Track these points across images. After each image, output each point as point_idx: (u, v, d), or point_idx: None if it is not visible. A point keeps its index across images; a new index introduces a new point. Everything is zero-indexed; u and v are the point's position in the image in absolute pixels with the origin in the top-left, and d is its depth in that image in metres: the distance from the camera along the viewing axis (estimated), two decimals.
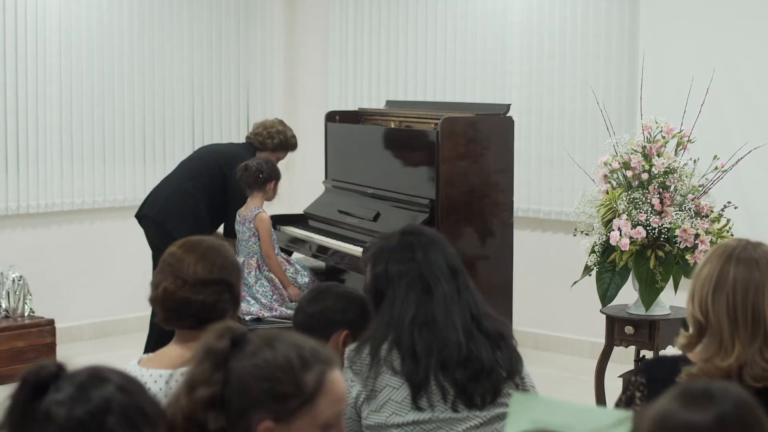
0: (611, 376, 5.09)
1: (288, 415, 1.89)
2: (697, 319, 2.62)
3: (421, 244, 3.00)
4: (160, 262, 2.88)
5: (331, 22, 8.31)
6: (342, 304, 3.22)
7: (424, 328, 2.89)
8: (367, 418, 2.91)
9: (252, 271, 5.63)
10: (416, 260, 2.97)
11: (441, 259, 2.98)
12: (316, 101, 8.36)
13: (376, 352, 2.90)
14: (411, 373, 2.86)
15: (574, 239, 5.20)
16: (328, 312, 3.20)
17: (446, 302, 2.92)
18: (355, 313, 3.22)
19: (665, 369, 2.66)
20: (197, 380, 1.93)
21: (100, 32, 7.49)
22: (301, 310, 3.28)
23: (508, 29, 7.32)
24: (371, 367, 2.89)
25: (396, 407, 2.87)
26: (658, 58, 6.44)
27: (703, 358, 2.59)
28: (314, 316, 3.21)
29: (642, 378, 2.67)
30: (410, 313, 2.91)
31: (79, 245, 7.53)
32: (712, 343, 2.58)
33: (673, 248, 4.72)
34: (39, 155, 7.25)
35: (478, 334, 2.92)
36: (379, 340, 2.92)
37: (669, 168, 4.78)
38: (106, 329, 7.62)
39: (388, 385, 2.88)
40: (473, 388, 2.86)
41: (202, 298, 2.79)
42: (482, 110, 5.90)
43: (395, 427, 2.87)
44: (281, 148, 6.21)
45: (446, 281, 2.95)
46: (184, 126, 8.01)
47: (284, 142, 6.21)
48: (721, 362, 2.55)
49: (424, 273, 2.95)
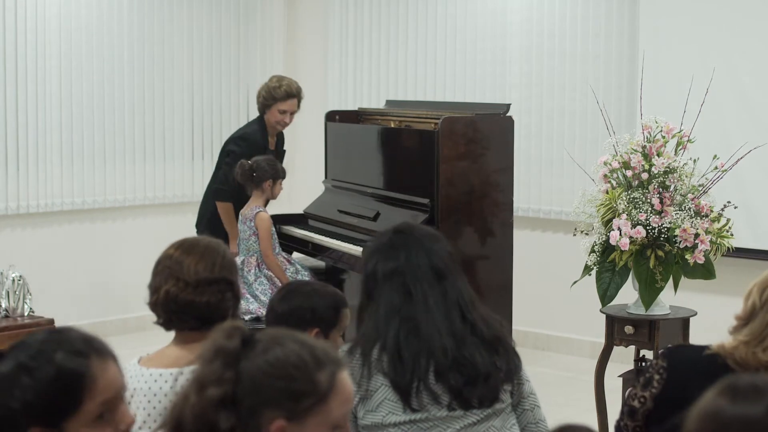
0: (611, 376, 5.09)
1: (301, 414, 1.88)
2: (754, 302, 2.61)
3: (405, 244, 2.95)
4: (156, 265, 2.85)
5: (331, 22, 8.31)
6: (311, 302, 3.21)
7: (410, 332, 2.86)
8: (363, 418, 2.90)
9: (252, 269, 5.63)
10: (399, 261, 2.93)
11: (424, 260, 2.92)
12: (316, 101, 8.36)
13: (368, 355, 2.88)
14: (397, 377, 2.84)
15: (573, 239, 5.20)
16: (298, 311, 3.19)
17: (427, 305, 2.87)
18: (325, 311, 3.21)
19: (687, 357, 2.66)
20: (208, 379, 1.91)
21: (99, 32, 7.50)
22: (271, 309, 3.28)
23: (508, 29, 7.32)
24: (363, 369, 2.87)
25: (392, 406, 2.86)
26: (657, 58, 6.44)
27: (745, 339, 2.58)
28: (284, 315, 3.20)
29: (663, 362, 2.66)
30: (394, 317, 2.88)
31: (79, 245, 7.53)
32: (758, 329, 2.58)
33: (673, 248, 4.72)
34: (39, 155, 7.25)
35: (472, 338, 2.87)
36: (371, 342, 2.89)
37: (669, 168, 4.78)
38: (105, 329, 7.61)
39: (384, 384, 2.87)
40: (469, 393, 2.84)
41: (206, 298, 2.78)
42: (482, 110, 5.90)
43: (392, 426, 2.86)
44: (271, 101, 6.17)
45: (428, 284, 2.90)
46: (184, 126, 8.01)
47: (269, 94, 6.18)
48: (763, 354, 2.55)
49: (405, 274, 2.92)
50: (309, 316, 3.18)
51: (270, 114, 6.16)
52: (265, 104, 6.19)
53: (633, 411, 2.68)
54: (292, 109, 6.20)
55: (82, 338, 2.01)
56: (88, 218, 7.61)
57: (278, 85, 6.18)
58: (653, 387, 2.65)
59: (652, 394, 2.65)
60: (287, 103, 6.17)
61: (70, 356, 1.94)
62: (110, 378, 1.98)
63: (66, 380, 1.92)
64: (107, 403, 1.96)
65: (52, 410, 1.91)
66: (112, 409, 1.97)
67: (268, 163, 5.78)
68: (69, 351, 1.95)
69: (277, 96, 6.16)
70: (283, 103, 6.16)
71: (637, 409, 2.67)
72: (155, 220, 7.90)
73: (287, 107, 6.17)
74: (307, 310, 3.19)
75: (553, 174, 7.18)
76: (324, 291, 3.28)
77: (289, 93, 6.17)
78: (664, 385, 2.64)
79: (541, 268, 7.11)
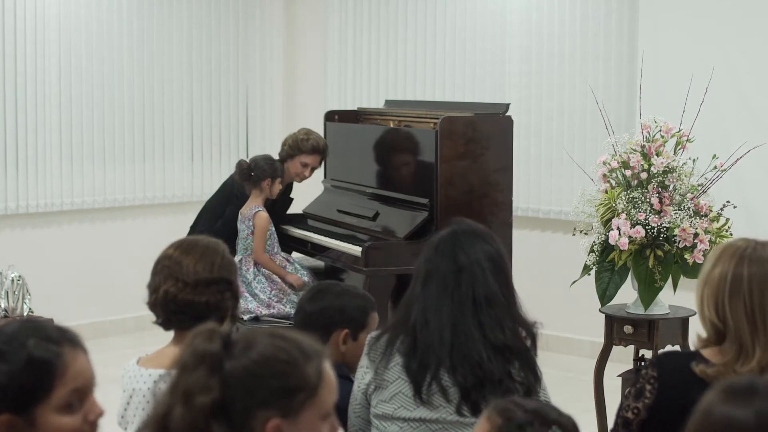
0: (610, 376, 5.09)
1: (296, 409, 1.85)
2: (714, 324, 2.58)
3: (438, 242, 2.97)
4: (155, 265, 2.86)
5: (330, 22, 8.31)
6: (341, 303, 3.22)
7: (424, 326, 2.88)
8: (376, 407, 2.92)
9: (250, 268, 5.64)
10: (428, 259, 2.96)
11: (448, 262, 2.92)
12: (315, 101, 8.36)
13: (392, 343, 2.91)
14: (409, 367, 2.87)
15: (573, 239, 5.20)
16: (328, 311, 3.21)
17: (438, 304, 2.88)
18: (355, 312, 3.22)
19: (677, 364, 2.64)
20: (194, 387, 1.84)
21: (99, 32, 7.50)
22: (301, 309, 3.30)
23: (508, 29, 7.32)
24: (383, 356, 2.90)
25: (405, 401, 2.87)
26: (657, 58, 6.44)
27: (722, 362, 2.55)
28: (313, 315, 3.21)
29: (653, 371, 2.65)
30: (415, 310, 2.91)
31: (78, 245, 7.53)
32: (732, 348, 2.54)
33: (672, 247, 4.72)
34: (38, 155, 7.25)
35: (480, 338, 2.85)
36: (398, 330, 2.92)
37: (668, 167, 4.78)
38: (105, 329, 7.62)
39: (400, 377, 2.89)
40: (477, 395, 2.82)
41: (206, 298, 2.79)
42: (481, 110, 5.90)
43: (401, 420, 2.88)
44: (296, 152, 6.07)
45: (445, 276, 2.91)
46: (183, 126, 8.01)
47: (296, 144, 6.09)
48: (742, 367, 2.51)
49: (427, 272, 2.94)
50: (338, 317, 3.20)
51: (292, 164, 6.06)
52: (289, 153, 6.08)
53: (627, 422, 2.67)
54: (314, 164, 6.10)
55: (56, 328, 2.03)
56: (88, 218, 7.61)
57: (306, 138, 6.07)
58: (646, 397, 2.64)
59: (645, 404, 2.64)
60: (311, 157, 6.05)
61: (43, 343, 1.97)
62: (81, 367, 2.00)
63: (37, 365, 1.95)
64: (77, 391, 1.98)
65: (23, 395, 1.93)
66: (81, 398, 1.99)
67: (266, 161, 5.78)
68: (42, 338, 1.98)
69: (304, 149, 6.05)
70: (308, 156, 6.04)
71: (631, 420, 2.66)
72: (154, 220, 7.90)
73: (310, 161, 6.06)
74: (336, 311, 3.21)
75: (552, 174, 7.18)
76: (354, 292, 3.30)
77: (316, 148, 6.06)
78: (656, 395, 2.63)
79: (541, 267, 7.11)
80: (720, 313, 2.55)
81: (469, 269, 2.91)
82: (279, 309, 5.55)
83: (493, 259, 2.94)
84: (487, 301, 2.90)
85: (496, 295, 2.91)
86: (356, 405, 3.00)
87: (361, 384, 2.97)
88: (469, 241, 2.95)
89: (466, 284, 2.90)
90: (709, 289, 2.58)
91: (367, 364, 2.95)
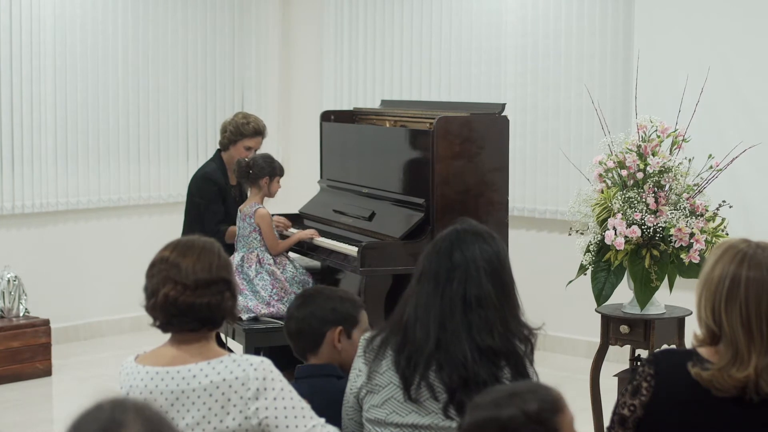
0: (606, 375, 5.09)
1: None
2: (710, 327, 2.57)
3: (437, 240, 2.97)
4: (151, 267, 2.83)
5: (325, 22, 8.30)
6: (331, 304, 3.23)
7: (414, 323, 2.87)
8: (368, 411, 2.92)
9: (252, 265, 5.64)
10: (426, 257, 2.95)
11: (444, 260, 2.90)
12: (311, 101, 8.36)
13: (386, 344, 2.91)
14: (398, 363, 2.87)
15: (569, 238, 5.20)
16: (320, 312, 3.21)
17: (429, 301, 2.88)
18: (346, 309, 3.23)
19: (674, 362, 2.64)
20: None
21: (94, 32, 7.49)
22: (291, 316, 3.29)
23: (503, 28, 7.33)
24: (376, 358, 2.90)
25: (397, 406, 2.87)
26: (652, 57, 6.44)
27: (717, 366, 2.55)
28: (305, 320, 3.22)
29: (650, 369, 2.64)
30: (408, 307, 2.91)
31: (73, 245, 7.53)
32: (728, 353, 2.54)
33: (668, 247, 4.72)
34: (34, 155, 7.24)
35: (468, 338, 2.83)
36: (392, 330, 2.92)
37: (664, 167, 4.78)
38: (101, 329, 7.61)
39: (392, 383, 2.88)
40: (463, 396, 2.79)
41: (206, 300, 2.78)
42: (477, 109, 5.90)
43: (393, 426, 2.87)
44: (238, 137, 6.14)
45: (438, 274, 2.90)
46: (179, 126, 8.01)
47: (237, 129, 6.15)
48: (737, 373, 2.51)
49: (423, 270, 2.94)
50: (331, 316, 3.22)
51: (235, 149, 6.14)
52: (231, 139, 6.15)
53: (623, 419, 2.67)
54: (257, 146, 6.19)
55: None
56: (83, 218, 7.61)
57: (246, 122, 6.16)
58: (642, 395, 2.64)
59: (641, 401, 2.64)
60: (254, 140, 6.17)
61: None
62: None
63: None
64: None
65: None
66: None
67: (265, 160, 5.79)
68: None
69: (246, 132, 6.14)
70: (251, 139, 6.15)
71: (627, 417, 2.66)
72: (150, 219, 7.90)
73: (253, 144, 6.16)
74: (328, 311, 3.22)
75: (548, 173, 7.18)
76: (341, 294, 3.33)
77: (257, 130, 6.17)
78: (653, 392, 2.63)
79: (537, 267, 7.12)
80: (716, 318, 2.55)
81: (463, 267, 2.88)
82: (278, 308, 5.54)
83: (491, 261, 2.92)
84: (478, 302, 2.87)
85: (488, 297, 2.88)
86: (348, 408, 3.00)
87: (353, 387, 2.97)
88: (468, 240, 2.93)
89: (458, 282, 2.87)
90: (708, 292, 2.57)
91: (360, 367, 2.95)
